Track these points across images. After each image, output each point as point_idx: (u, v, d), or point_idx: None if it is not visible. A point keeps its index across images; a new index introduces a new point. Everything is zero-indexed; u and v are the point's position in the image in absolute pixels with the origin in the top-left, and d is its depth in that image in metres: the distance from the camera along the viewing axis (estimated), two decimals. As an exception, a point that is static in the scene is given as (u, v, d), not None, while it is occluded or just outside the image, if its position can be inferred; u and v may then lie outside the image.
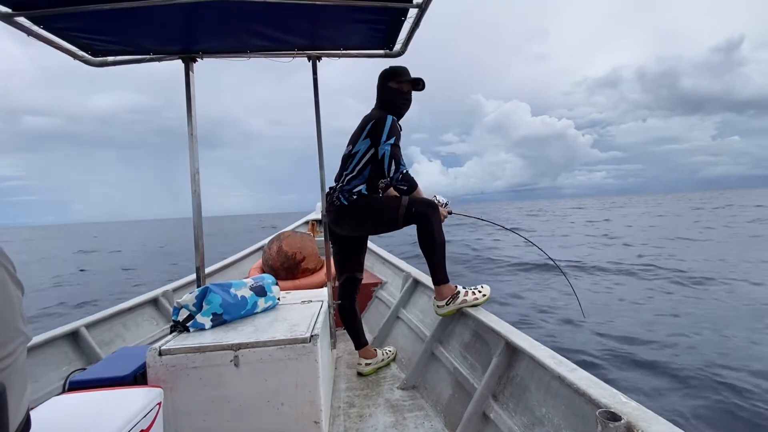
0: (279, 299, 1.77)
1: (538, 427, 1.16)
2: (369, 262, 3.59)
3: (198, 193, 1.97)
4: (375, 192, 1.93)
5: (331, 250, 2.17)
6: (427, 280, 2.29)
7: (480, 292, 1.83)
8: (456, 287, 1.83)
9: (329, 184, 2.07)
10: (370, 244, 3.63)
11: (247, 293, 1.58)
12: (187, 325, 1.41)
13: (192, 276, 2.86)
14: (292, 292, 2.08)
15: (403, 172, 1.78)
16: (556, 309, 5.20)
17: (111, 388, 1.15)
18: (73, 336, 1.92)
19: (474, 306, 1.79)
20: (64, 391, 1.23)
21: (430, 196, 1.98)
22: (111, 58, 1.92)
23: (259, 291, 1.64)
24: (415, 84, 1.94)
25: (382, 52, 2.04)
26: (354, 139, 1.92)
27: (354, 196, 1.87)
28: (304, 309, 1.66)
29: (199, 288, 1.50)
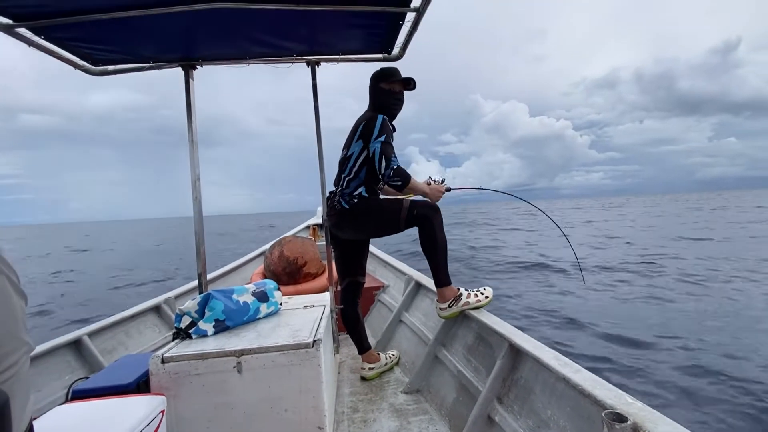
0: (281, 304, 1.77)
1: (544, 430, 1.15)
2: (371, 266, 3.58)
3: (199, 200, 1.98)
4: (374, 194, 1.94)
5: (332, 254, 2.17)
6: (429, 283, 2.28)
7: (482, 294, 1.82)
8: (458, 289, 1.82)
9: (329, 188, 2.07)
10: (372, 248, 3.62)
11: (249, 299, 1.58)
12: (190, 332, 1.41)
13: (194, 282, 2.86)
14: (294, 297, 2.08)
15: (394, 167, 1.75)
16: (558, 309, 5.18)
17: (114, 396, 1.15)
18: (76, 344, 1.91)
19: (477, 308, 1.78)
20: (67, 400, 1.23)
21: (424, 180, 1.99)
22: (111, 67, 1.94)
23: (261, 296, 1.64)
24: (406, 84, 1.96)
25: (380, 56, 2.06)
26: (348, 142, 1.93)
27: (355, 200, 1.87)
28: (307, 314, 1.66)
29: (201, 294, 1.50)
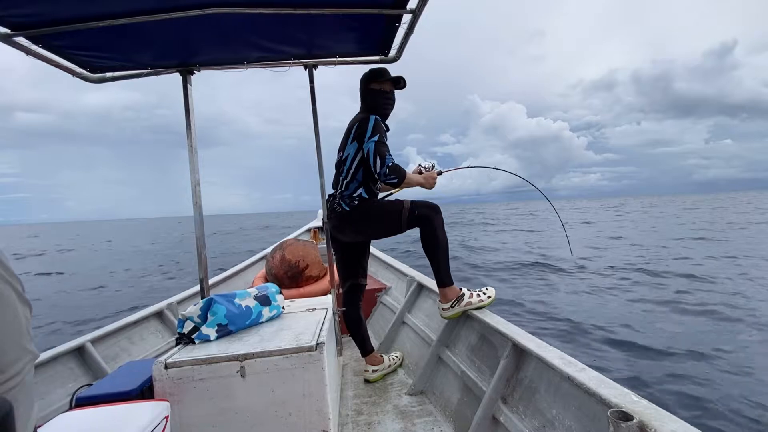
0: (283, 308, 1.76)
1: (550, 429, 1.15)
2: (372, 268, 3.58)
3: (200, 205, 1.98)
4: (374, 194, 1.94)
5: (333, 257, 2.17)
6: (431, 283, 2.27)
7: (485, 294, 1.82)
8: (461, 289, 1.82)
9: (328, 190, 2.08)
10: (373, 249, 3.62)
11: (251, 303, 1.58)
12: (193, 337, 1.41)
13: (196, 287, 2.86)
14: (297, 300, 2.07)
15: (389, 164, 1.75)
16: (560, 311, 5.15)
17: (118, 403, 1.15)
18: (79, 351, 1.91)
19: (479, 308, 1.78)
20: (71, 407, 1.23)
21: (414, 169, 2.01)
22: (109, 74, 1.94)
23: (264, 300, 1.64)
24: (396, 82, 1.96)
25: (377, 58, 2.06)
26: (342, 144, 1.94)
27: (355, 201, 1.87)
28: (309, 317, 1.66)
29: (204, 299, 1.50)
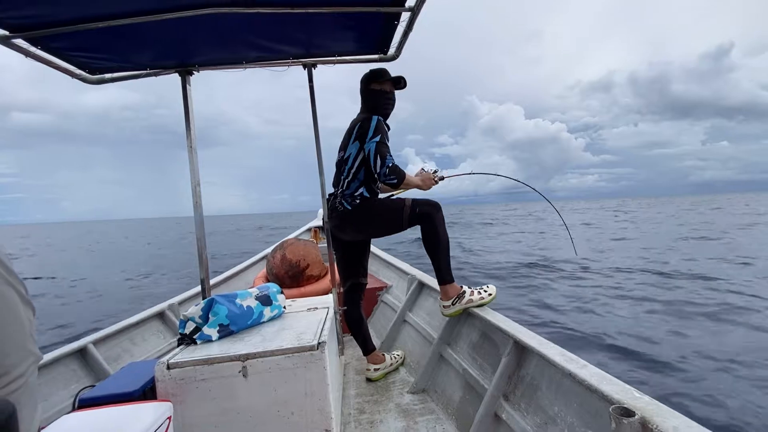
0: (285, 308, 1.77)
1: (551, 426, 1.15)
2: (373, 267, 3.58)
3: (200, 206, 1.98)
4: (375, 193, 1.94)
5: (334, 256, 2.17)
6: (432, 282, 2.27)
7: (486, 292, 1.82)
8: (462, 287, 1.82)
9: (328, 190, 2.07)
10: (374, 248, 3.62)
11: (252, 303, 1.58)
12: (194, 337, 1.41)
13: (197, 288, 2.86)
14: (298, 299, 2.07)
15: (389, 165, 1.76)
16: (561, 313, 5.15)
17: (120, 404, 1.15)
18: (81, 353, 1.92)
19: (480, 306, 1.78)
20: (74, 408, 1.23)
21: (417, 172, 2.02)
22: (108, 75, 1.94)
23: (265, 300, 1.64)
24: (396, 82, 1.96)
25: (376, 56, 2.06)
26: (344, 144, 1.94)
27: (357, 200, 1.87)
28: (311, 316, 1.66)
29: (205, 300, 1.50)
